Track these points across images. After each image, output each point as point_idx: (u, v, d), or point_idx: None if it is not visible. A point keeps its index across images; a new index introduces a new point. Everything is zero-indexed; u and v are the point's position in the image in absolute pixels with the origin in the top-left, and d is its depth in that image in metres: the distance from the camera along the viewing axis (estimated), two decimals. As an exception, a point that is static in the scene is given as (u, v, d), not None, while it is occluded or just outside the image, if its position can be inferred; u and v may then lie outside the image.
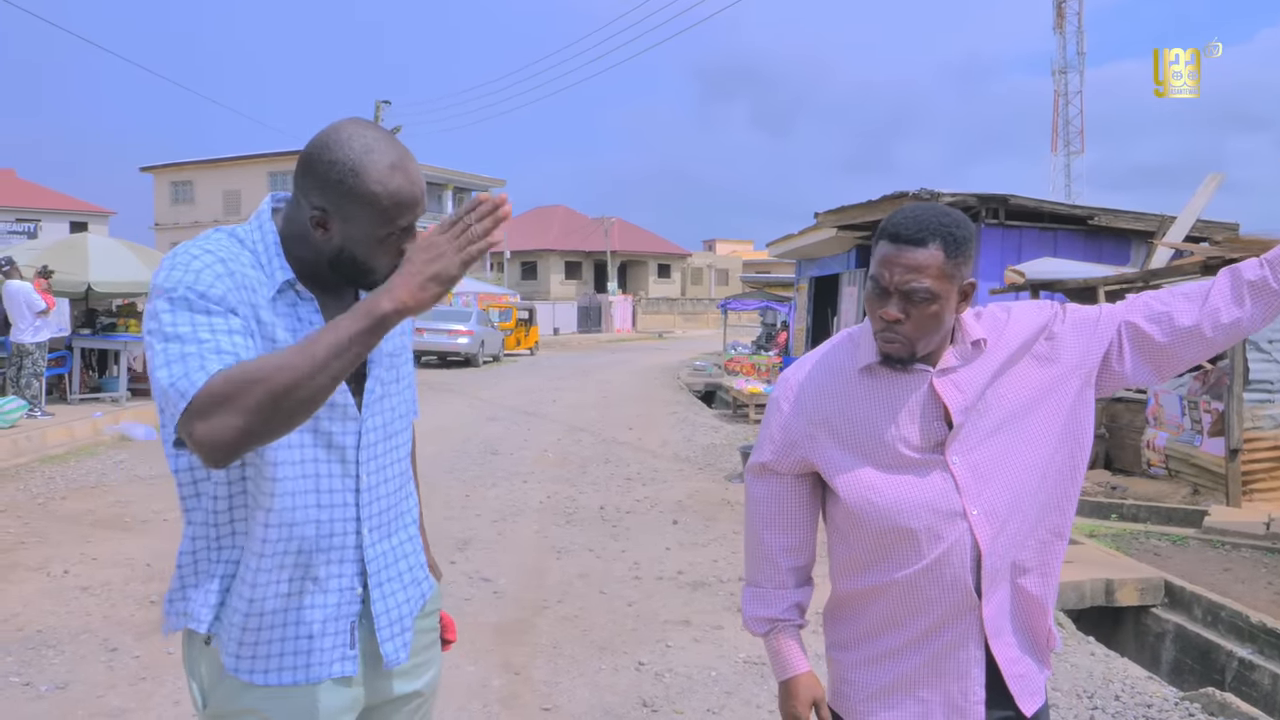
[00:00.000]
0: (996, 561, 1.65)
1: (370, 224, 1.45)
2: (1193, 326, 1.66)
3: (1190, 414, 8.29)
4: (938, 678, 1.68)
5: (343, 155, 1.42)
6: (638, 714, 3.77)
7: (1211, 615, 5.17)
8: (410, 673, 1.69)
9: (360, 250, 1.48)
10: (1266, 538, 6.50)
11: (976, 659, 1.67)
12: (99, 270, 11.99)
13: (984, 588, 1.64)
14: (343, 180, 1.42)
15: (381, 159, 1.43)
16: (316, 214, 1.46)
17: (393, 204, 1.44)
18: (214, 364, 1.31)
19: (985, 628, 1.66)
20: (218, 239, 1.50)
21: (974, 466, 1.64)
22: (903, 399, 1.66)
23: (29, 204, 39.94)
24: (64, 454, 9.54)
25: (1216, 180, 12.07)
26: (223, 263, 1.43)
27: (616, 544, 6.47)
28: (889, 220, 1.63)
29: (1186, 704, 3.93)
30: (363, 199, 1.42)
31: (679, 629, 4.76)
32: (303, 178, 1.47)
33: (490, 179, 48.91)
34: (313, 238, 1.49)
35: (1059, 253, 12.19)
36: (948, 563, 1.64)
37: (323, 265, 1.52)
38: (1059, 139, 51.07)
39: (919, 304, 1.57)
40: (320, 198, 1.45)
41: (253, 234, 1.52)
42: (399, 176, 1.44)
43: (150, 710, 3.72)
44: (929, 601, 1.67)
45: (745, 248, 64.92)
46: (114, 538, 6.34)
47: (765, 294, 27.07)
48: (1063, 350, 1.69)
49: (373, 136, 1.46)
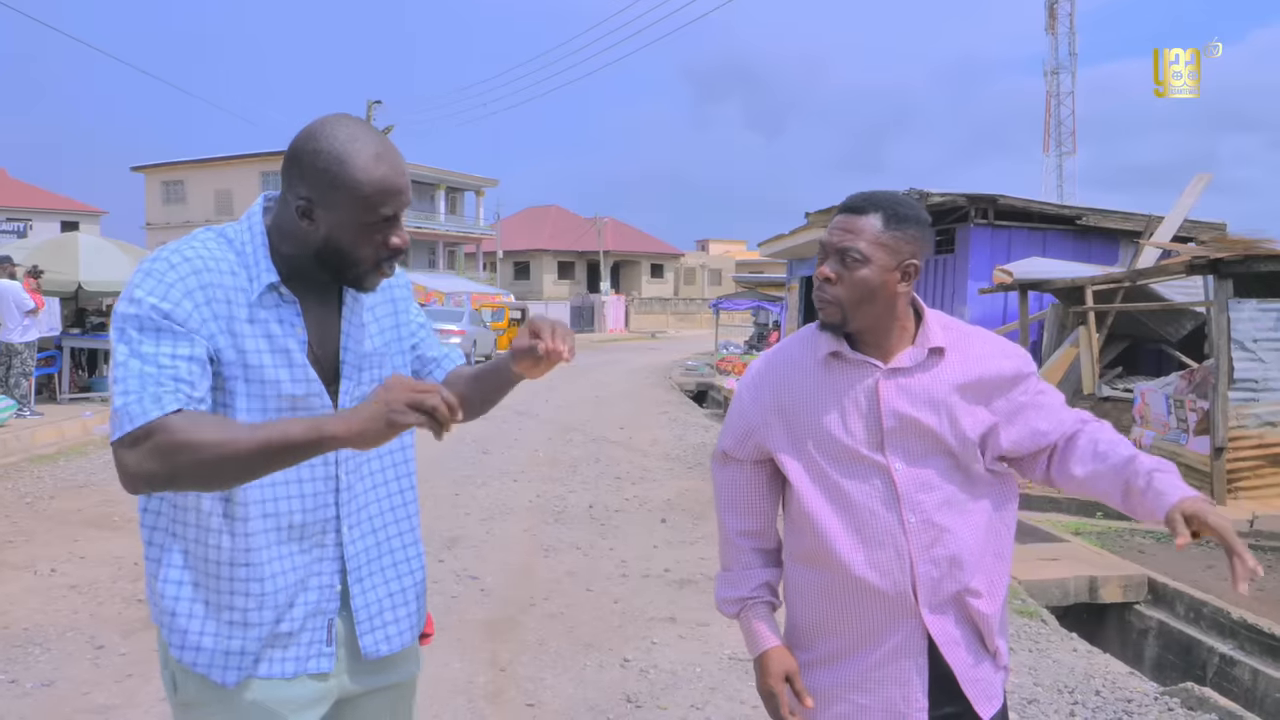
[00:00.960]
0: (931, 570, 1.66)
1: (355, 212, 1.48)
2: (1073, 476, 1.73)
3: (1176, 413, 8.34)
4: (878, 685, 1.71)
5: (328, 145, 1.47)
6: (622, 709, 3.79)
7: (1194, 612, 5.21)
8: (389, 665, 1.70)
9: (345, 239, 1.50)
10: (1250, 535, 6.55)
11: (919, 667, 1.69)
12: (89, 270, 11.96)
13: (919, 594, 1.67)
14: (328, 169, 1.46)
15: (366, 148, 1.47)
16: (302, 204, 1.49)
17: (376, 192, 1.47)
18: (169, 400, 1.37)
19: (935, 638, 1.68)
20: (203, 240, 1.53)
21: (916, 476, 1.67)
22: (850, 393, 1.70)
23: (19, 203, 39.79)
24: (53, 453, 9.53)
25: (1204, 181, 12.14)
26: (197, 274, 1.47)
27: (605, 542, 6.49)
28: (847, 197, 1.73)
29: (1166, 699, 3.97)
30: (347, 187, 1.46)
31: (665, 626, 4.78)
32: (289, 170, 1.51)
33: (483, 179, 48.86)
34: (299, 230, 1.51)
35: (1048, 252, 12.25)
36: (883, 567, 1.67)
37: (309, 261, 1.54)
38: (1051, 140, 51.25)
39: (850, 266, 1.66)
40: (306, 188, 1.48)
41: (242, 233, 1.55)
42: (383, 165, 1.48)
43: (136, 706, 3.73)
44: (866, 604, 1.69)
45: (738, 248, 64.94)
46: (101, 536, 6.34)
47: (757, 294, 27.14)
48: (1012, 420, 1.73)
49: (357, 128, 1.50)
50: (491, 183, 49.40)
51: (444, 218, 46.16)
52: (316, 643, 1.59)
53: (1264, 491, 7.64)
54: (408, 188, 1.54)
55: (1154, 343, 10.77)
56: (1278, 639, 4.65)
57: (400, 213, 1.53)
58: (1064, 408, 1.78)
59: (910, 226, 1.68)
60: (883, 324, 1.70)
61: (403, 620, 1.69)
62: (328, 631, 1.60)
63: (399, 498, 1.72)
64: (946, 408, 1.68)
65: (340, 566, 1.61)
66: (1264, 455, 7.70)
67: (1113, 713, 3.86)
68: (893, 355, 1.71)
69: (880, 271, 1.65)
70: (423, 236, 44.86)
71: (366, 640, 1.63)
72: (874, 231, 1.66)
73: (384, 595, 1.66)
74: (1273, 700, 4.48)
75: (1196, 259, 8.03)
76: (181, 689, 1.59)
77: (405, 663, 1.75)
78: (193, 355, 1.43)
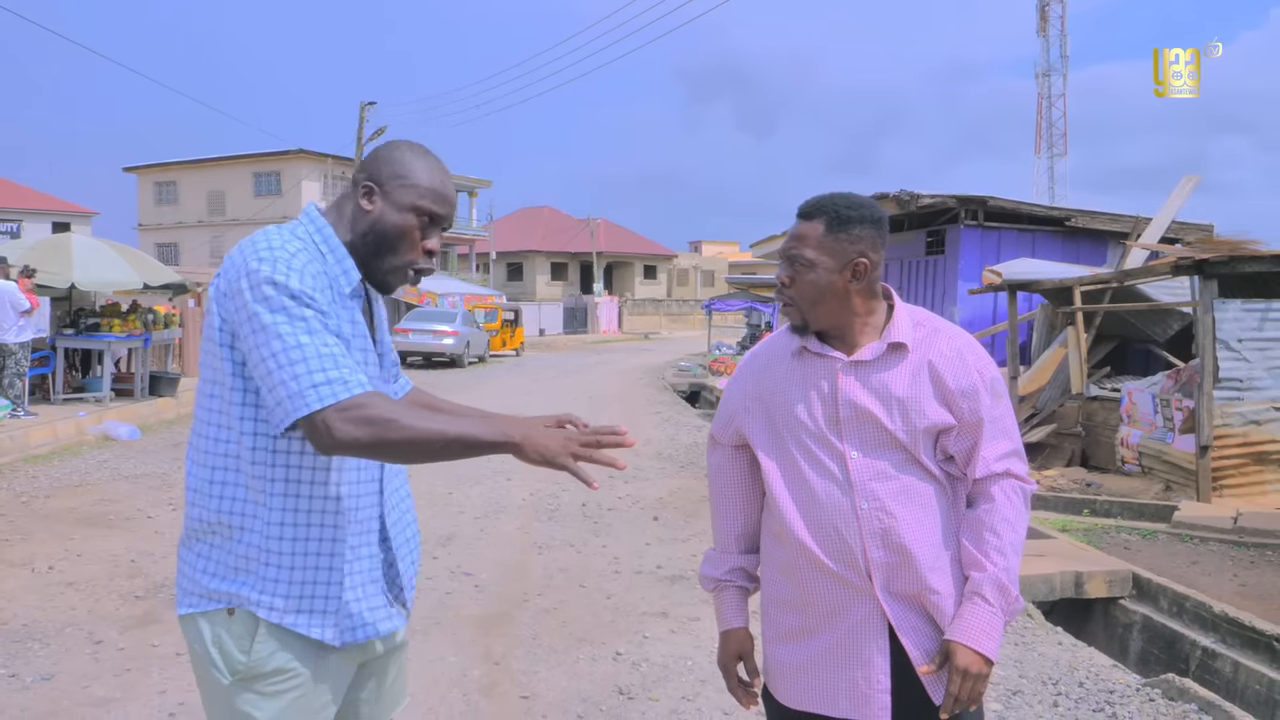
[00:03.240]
0: (883, 555, 1.74)
1: (408, 200, 1.69)
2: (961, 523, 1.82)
3: (1163, 411, 8.44)
4: (843, 664, 1.78)
5: (402, 153, 1.73)
6: (614, 701, 3.86)
7: (1177, 606, 5.30)
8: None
9: (390, 228, 1.69)
10: (1234, 532, 6.65)
11: (880, 648, 1.75)
12: (83, 270, 11.96)
13: (874, 578, 1.74)
14: (399, 161, 1.71)
15: (432, 162, 1.75)
16: (368, 186, 1.70)
17: (432, 193, 1.71)
18: (364, 381, 1.56)
19: (892, 622, 1.75)
20: (294, 233, 1.67)
21: (871, 465, 1.76)
22: (815, 383, 1.81)
23: (11, 204, 39.63)
24: (48, 453, 9.55)
25: (1192, 182, 12.26)
26: (313, 262, 1.62)
27: (597, 540, 6.55)
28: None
29: (1147, 690, 4.05)
30: (410, 181, 1.70)
31: (656, 621, 4.85)
32: (367, 163, 1.74)
33: (476, 180, 48.88)
34: (356, 211, 1.71)
35: (1037, 253, 12.36)
36: (836, 548, 1.75)
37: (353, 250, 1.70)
38: (1042, 141, 51.49)
39: (799, 270, 1.79)
40: (374, 175, 1.71)
41: (312, 234, 1.70)
42: (440, 176, 1.75)
43: (135, 699, 3.78)
44: (823, 583, 1.78)
45: (731, 249, 65.13)
46: (98, 535, 6.38)
47: (749, 295, 27.21)
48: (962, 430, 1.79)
49: (428, 153, 1.77)
50: (484, 184, 49.42)
51: (437, 219, 46.09)
52: (384, 605, 1.74)
53: (1248, 489, 7.74)
54: (455, 207, 1.77)
55: (1142, 342, 10.87)
56: (1259, 632, 4.74)
57: (443, 224, 1.75)
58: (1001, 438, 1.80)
59: (855, 227, 1.77)
60: (843, 320, 1.80)
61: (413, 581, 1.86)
62: (387, 595, 1.75)
63: (405, 487, 1.87)
64: (899, 402, 1.76)
65: (384, 535, 1.75)
66: (1248, 453, 7.80)
67: (1095, 704, 3.94)
68: (856, 349, 1.81)
69: (826, 274, 1.77)
70: (416, 237, 44.82)
71: (408, 594, 1.80)
72: (817, 237, 1.77)
73: (410, 563, 1.82)
74: (1253, 692, 4.56)
75: (1182, 260, 8.14)
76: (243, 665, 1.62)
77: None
78: (340, 334, 1.60)
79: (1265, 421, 7.82)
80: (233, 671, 1.62)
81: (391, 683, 1.85)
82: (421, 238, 1.71)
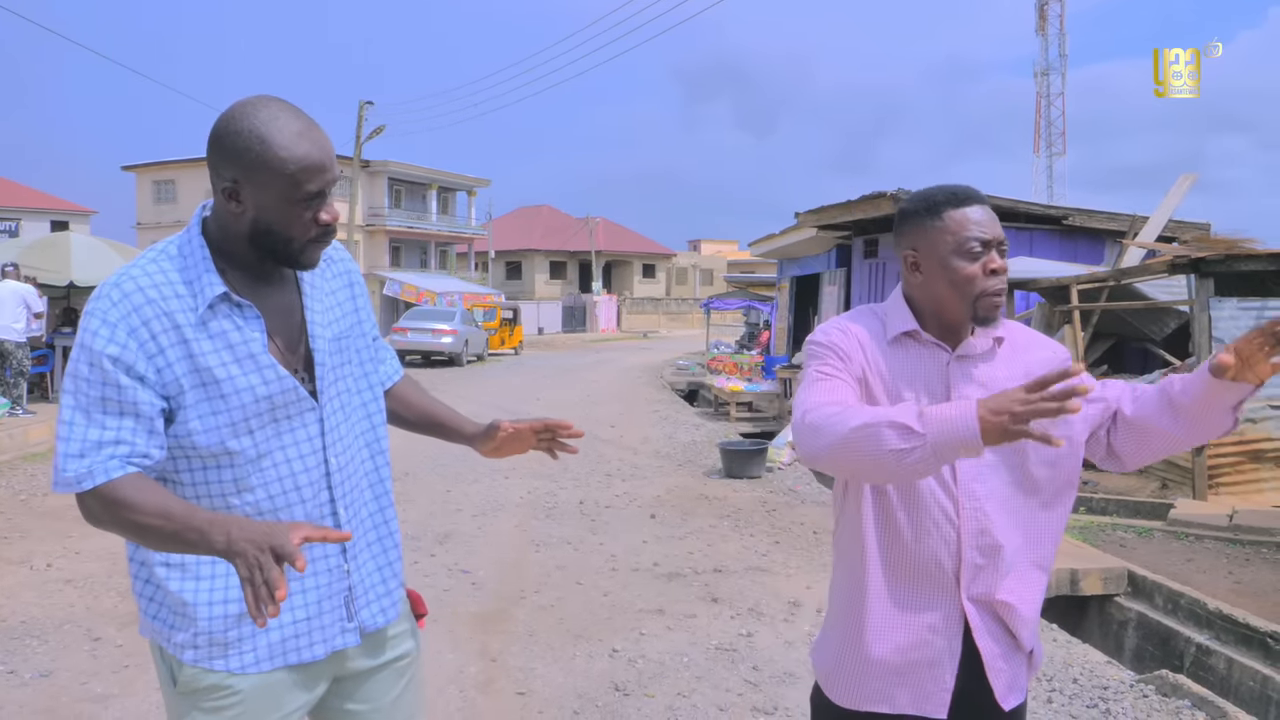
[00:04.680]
0: (976, 557, 1.69)
1: (280, 189, 1.49)
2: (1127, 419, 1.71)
3: (1159, 410, 8.45)
4: (912, 666, 1.73)
5: (248, 125, 1.47)
6: (609, 697, 3.88)
7: (1171, 603, 5.32)
8: (387, 640, 1.76)
9: (274, 218, 1.52)
10: (1229, 529, 6.67)
11: (952, 650, 1.71)
12: (81, 269, 11.99)
13: (962, 577, 1.69)
14: (249, 148, 1.47)
15: (287, 126, 1.48)
16: (228, 186, 1.50)
17: (300, 169, 1.48)
18: (116, 469, 1.47)
19: (970, 623, 1.70)
20: (144, 266, 1.55)
21: (974, 463, 1.68)
22: (922, 373, 1.73)
23: (9, 203, 39.65)
24: (46, 451, 9.56)
25: (1189, 181, 12.27)
26: (137, 310, 1.50)
27: (595, 537, 6.57)
28: None
29: (1141, 686, 4.07)
30: (271, 164, 1.47)
31: (653, 618, 4.87)
32: (213, 154, 1.51)
33: (474, 179, 48.87)
34: (228, 214, 1.53)
35: (1035, 252, 12.37)
36: (934, 544, 1.69)
37: (247, 248, 1.55)
38: (1041, 140, 51.54)
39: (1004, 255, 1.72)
40: (230, 169, 1.49)
41: (185, 245, 1.56)
42: (305, 142, 1.49)
43: (133, 695, 3.80)
44: (914, 576, 1.72)
45: (730, 248, 65.07)
46: (96, 533, 6.30)
47: (748, 294, 27.20)
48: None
49: (278, 107, 1.51)
50: (483, 183, 49.41)
51: (436, 218, 46.14)
52: (339, 621, 1.66)
53: (1244, 487, 7.76)
54: (333, 164, 1.54)
55: (1139, 341, 10.89)
56: (1253, 629, 4.76)
57: (327, 189, 1.54)
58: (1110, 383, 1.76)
59: (899, 222, 1.77)
60: (949, 318, 1.73)
61: (395, 592, 1.76)
62: (346, 609, 1.67)
63: (375, 475, 1.76)
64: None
65: (342, 545, 1.65)
66: (1244, 451, 7.82)
67: (1089, 699, 3.95)
68: (960, 341, 1.74)
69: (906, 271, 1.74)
70: (415, 236, 44.86)
71: (364, 614, 1.70)
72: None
73: (373, 570, 1.72)
74: (1247, 688, 4.59)
75: (1178, 258, 8.16)
76: (180, 678, 1.61)
77: (404, 639, 1.81)
78: (138, 414, 1.49)
79: (1261, 419, 7.83)
80: (175, 683, 1.61)
81: (397, 698, 1.78)
82: (311, 216, 1.53)
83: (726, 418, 14.19)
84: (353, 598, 1.68)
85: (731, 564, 5.88)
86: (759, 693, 3.93)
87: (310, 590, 1.62)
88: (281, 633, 1.61)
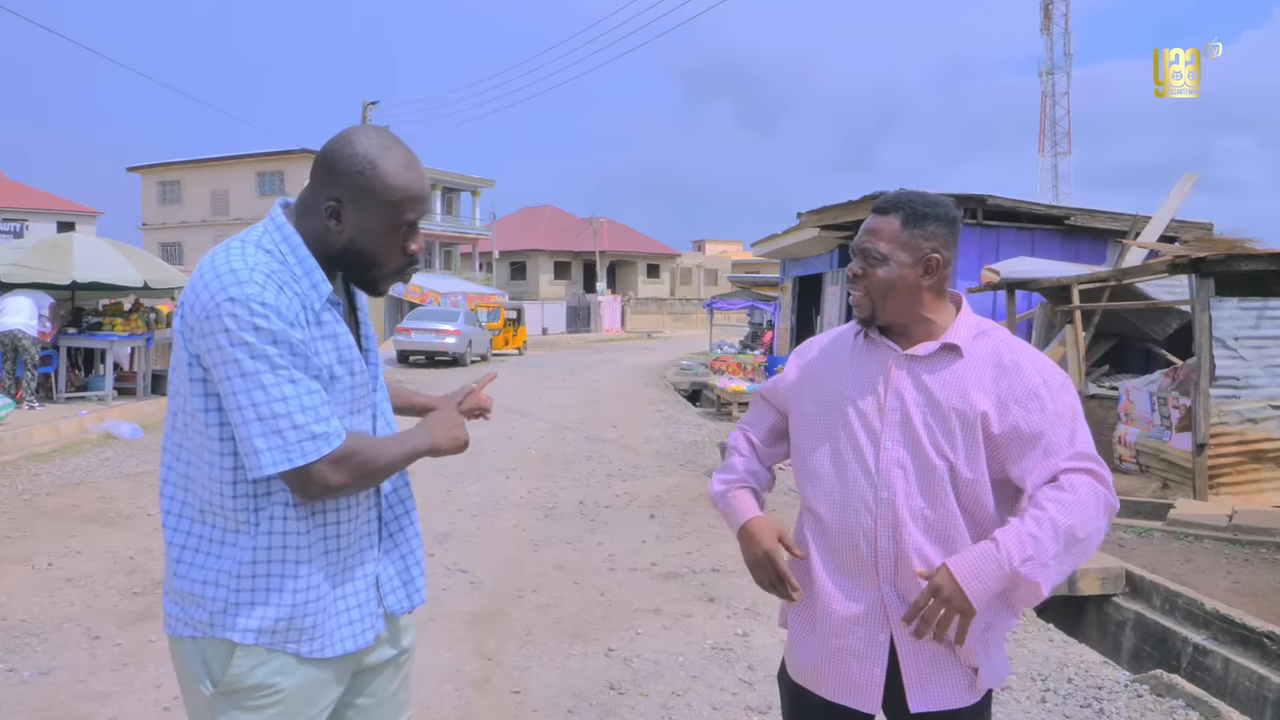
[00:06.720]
0: (891, 548, 1.76)
1: (383, 215, 1.58)
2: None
3: (1160, 410, 8.46)
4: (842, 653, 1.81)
5: (362, 150, 1.57)
6: (604, 696, 3.89)
7: (1169, 603, 5.32)
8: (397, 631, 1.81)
9: (370, 243, 1.60)
10: (1228, 530, 6.66)
11: (880, 641, 1.78)
12: (84, 269, 12.03)
13: (880, 568, 1.77)
14: (361, 172, 1.56)
15: (397, 156, 1.59)
16: (332, 204, 1.57)
17: (405, 197, 1.58)
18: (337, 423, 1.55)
19: (889, 615, 1.77)
20: (254, 254, 1.54)
21: (900, 458, 1.77)
22: (870, 370, 1.85)
23: (16, 204, 39.77)
24: (49, 451, 9.61)
25: (1191, 180, 12.26)
26: (288, 283, 1.53)
27: (594, 537, 6.59)
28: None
29: (1135, 686, 4.07)
30: (378, 190, 1.56)
31: (649, 617, 4.88)
32: (321, 172, 1.59)
33: (478, 179, 48.94)
34: (325, 230, 1.59)
35: (1036, 252, 12.36)
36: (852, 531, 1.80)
37: (330, 261, 1.61)
38: (1046, 140, 51.36)
39: (871, 263, 1.81)
40: (337, 189, 1.57)
41: (278, 243, 1.58)
42: (411, 173, 1.60)
43: (132, 694, 3.82)
44: (834, 566, 1.82)
45: (734, 248, 65.01)
46: (97, 532, 6.43)
47: (752, 294, 27.20)
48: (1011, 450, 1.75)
49: (389, 137, 1.62)
50: (487, 183, 49.48)
51: (440, 218, 46.21)
52: (374, 609, 1.71)
53: (1244, 487, 7.75)
54: (430, 196, 1.68)
55: (1141, 341, 10.88)
56: (1249, 629, 4.76)
57: (420, 220, 1.64)
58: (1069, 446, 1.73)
59: (930, 224, 1.80)
60: (910, 316, 1.82)
61: (418, 580, 1.81)
62: (376, 593, 1.72)
63: (407, 487, 1.83)
64: (942, 402, 1.77)
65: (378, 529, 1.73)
66: (1244, 451, 7.81)
67: (1083, 699, 3.96)
68: (914, 344, 1.83)
69: (899, 268, 1.79)
70: (418, 236, 44.89)
71: (390, 600, 1.75)
72: (892, 231, 1.80)
73: (398, 557, 1.78)
74: (1243, 688, 4.59)
75: (1179, 258, 8.14)
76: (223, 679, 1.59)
77: (411, 630, 1.86)
78: (319, 375, 1.55)
79: (1262, 419, 7.82)
80: (214, 683, 1.59)
81: (394, 692, 1.82)
82: (402, 245, 1.63)
83: (729, 418, 14.19)
84: (380, 583, 1.74)
85: (729, 564, 5.89)
86: (753, 692, 3.94)
87: (359, 579, 1.68)
88: (349, 615, 1.66)
